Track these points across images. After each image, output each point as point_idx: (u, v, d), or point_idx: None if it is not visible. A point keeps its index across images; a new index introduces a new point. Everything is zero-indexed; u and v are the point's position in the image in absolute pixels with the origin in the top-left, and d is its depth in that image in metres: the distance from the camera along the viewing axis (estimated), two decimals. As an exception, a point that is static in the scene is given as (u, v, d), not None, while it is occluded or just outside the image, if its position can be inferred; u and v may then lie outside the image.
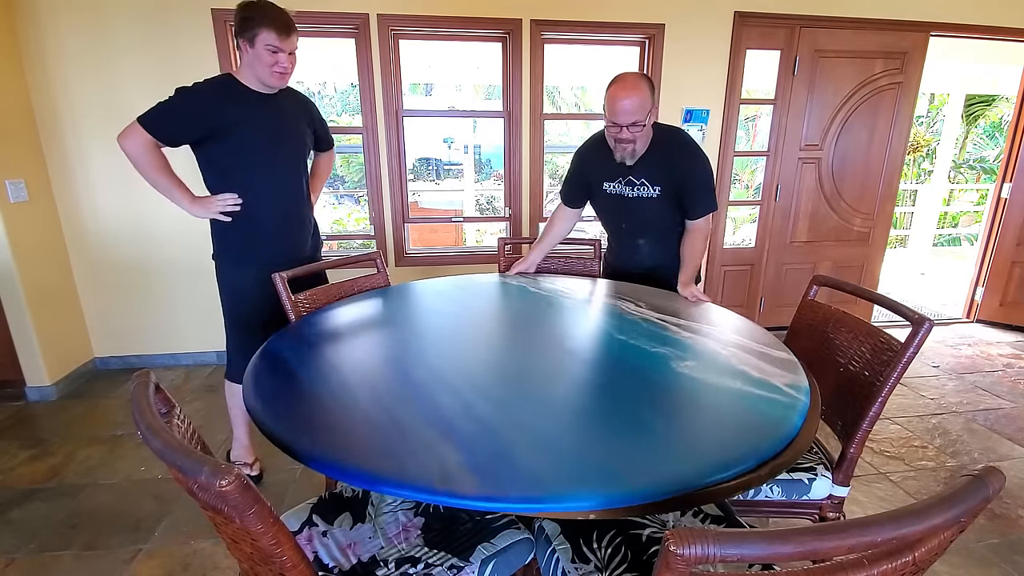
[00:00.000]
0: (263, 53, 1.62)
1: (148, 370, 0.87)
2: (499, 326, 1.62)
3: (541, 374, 1.23)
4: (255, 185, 1.76)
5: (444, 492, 0.80)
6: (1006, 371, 3.13)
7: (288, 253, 1.86)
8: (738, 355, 1.31)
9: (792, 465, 1.03)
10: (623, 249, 2.08)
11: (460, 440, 0.94)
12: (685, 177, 1.81)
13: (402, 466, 0.86)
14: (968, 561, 1.68)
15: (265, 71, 1.66)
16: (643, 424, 0.99)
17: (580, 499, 0.79)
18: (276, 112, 1.77)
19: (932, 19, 3.28)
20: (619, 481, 0.83)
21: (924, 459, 2.24)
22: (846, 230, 3.63)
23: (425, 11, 2.85)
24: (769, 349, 1.34)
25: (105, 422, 2.50)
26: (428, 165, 11.59)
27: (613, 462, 0.88)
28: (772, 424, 0.99)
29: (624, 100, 1.66)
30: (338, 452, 0.91)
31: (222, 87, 1.70)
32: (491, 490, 0.81)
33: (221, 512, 0.70)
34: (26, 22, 2.60)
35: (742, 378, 1.18)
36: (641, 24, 3.05)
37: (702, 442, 0.96)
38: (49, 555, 1.69)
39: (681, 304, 1.71)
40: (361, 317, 1.64)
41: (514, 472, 0.85)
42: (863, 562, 0.57)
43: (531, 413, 1.04)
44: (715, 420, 1.04)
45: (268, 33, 1.61)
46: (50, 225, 2.79)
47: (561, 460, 0.88)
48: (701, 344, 1.38)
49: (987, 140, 8.58)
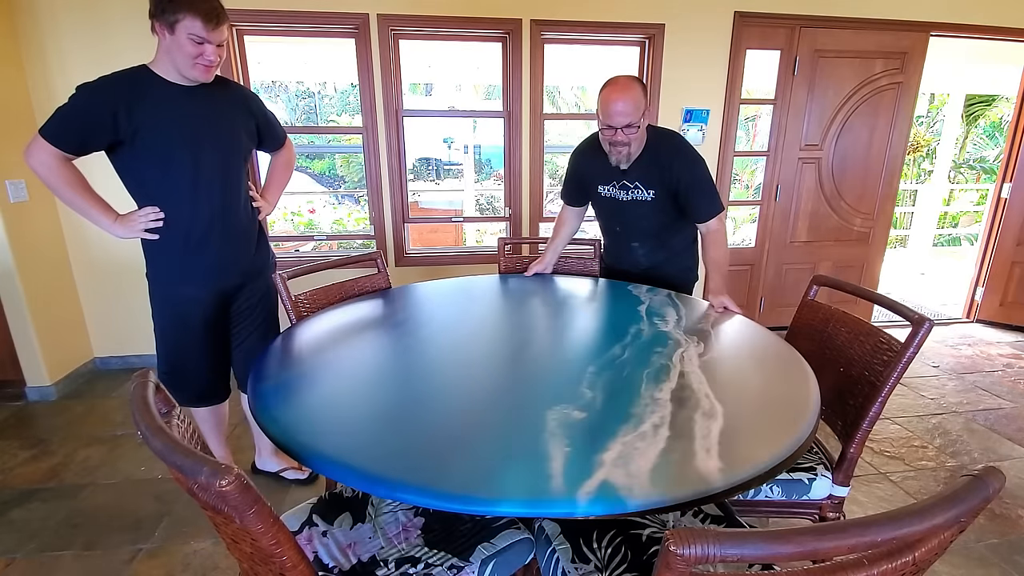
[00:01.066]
0: (185, 43, 1.41)
1: (148, 370, 0.87)
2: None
3: (544, 375, 1.23)
4: (176, 194, 1.54)
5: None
6: (1006, 371, 3.13)
7: (224, 270, 1.68)
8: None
9: (792, 465, 1.03)
10: (619, 251, 2.08)
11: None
12: (680, 181, 1.79)
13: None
14: (968, 561, 1.68)
15: (186, 62, 1.44)
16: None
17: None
18: (200, 108, 1.54)
19: (932, 19, 3.28)
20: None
21: (924, 459, 2.24)
22: (846, 230, 3.63)
23: (425, 11, 2.85)
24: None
25: (105, 422, 2.50)
26: (428, 165, 11.59)
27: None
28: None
29: (617, 102, 1.65)
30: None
31: (131, 80, 1.47)
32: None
33: (221, 512, 0.70)
34: (26, 21, 2.60)
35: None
36: (641, 24, 3.05)
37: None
38: (49, 555, 1.69)
39: (697, 311, 1.68)
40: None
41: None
42: (863, 562, 0.57)
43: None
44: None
45: (192, 20, 1.39)
46: (50, 225, 2.79)
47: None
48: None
49: (987, 140, 8.58)
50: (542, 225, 3.33)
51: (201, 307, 1.67)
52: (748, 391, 1.15)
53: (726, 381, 1.17)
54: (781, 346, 1.38)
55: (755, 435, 0.96)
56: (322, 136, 11.57)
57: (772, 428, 0.99)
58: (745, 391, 1.14)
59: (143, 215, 1.55)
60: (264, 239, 1.83)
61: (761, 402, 1.10)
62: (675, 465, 0.87)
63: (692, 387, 1.14)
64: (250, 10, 2.70)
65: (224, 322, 1.76)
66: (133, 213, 1.56)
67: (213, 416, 1.88)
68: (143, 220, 1.54)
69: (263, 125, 1.75)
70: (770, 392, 1.14)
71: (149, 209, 1.55)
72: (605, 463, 0.87)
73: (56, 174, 1.46)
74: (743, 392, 1.14)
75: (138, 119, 1.45)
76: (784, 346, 1.38)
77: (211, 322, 1.71)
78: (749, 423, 1.01)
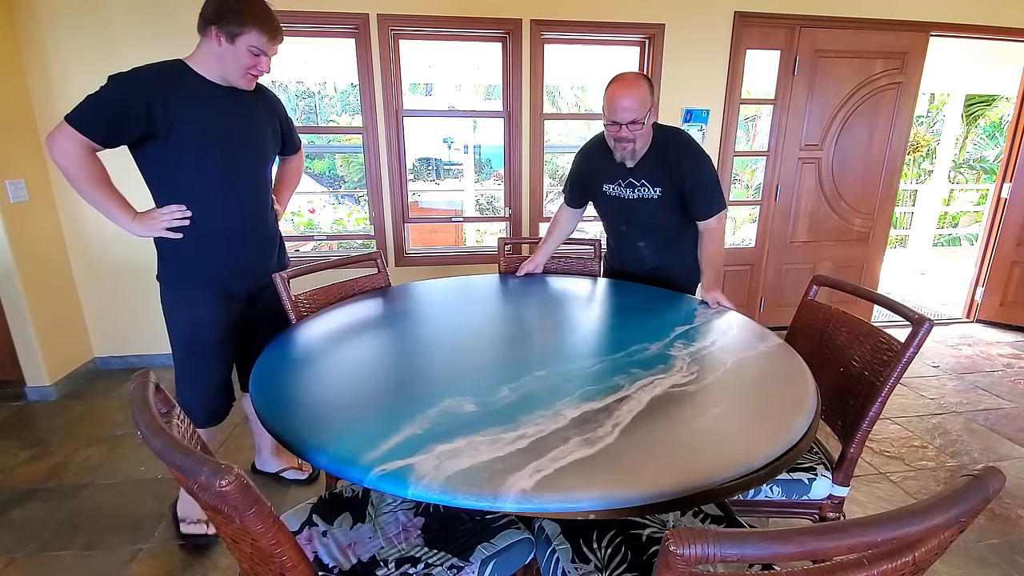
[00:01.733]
0: (243, 54, 1.43)
1: (148, 370, 0.87)
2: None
3: (542, 373, 1.22)
4: (207, 192, 1.51)
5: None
6: (1006, 371, 3.13)
7: (247, 272, 1.65)
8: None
9: (792, 465, 1.03)
10: (624, 251, 2.06)
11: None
12: (686, 178, 1.79)
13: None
14: (968, 561, 1.68)
15: (239, 72, 1.46)
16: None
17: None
18: (235, 108, 1.53)
19: (932, 19, 3.28)
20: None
21: (924, 459, 2.24)
22: (846, 230, 3.63)
23: (425, 11, 2.85)
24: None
25: (105, 422, 2.50)
26: (428, 165, 11.59)
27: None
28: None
29: (623, 98, 1.65)
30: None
31: (169, 74, 1.43)
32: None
33: (221, 512, 0.70)
34: (26, 22, 2.60)
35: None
36: (641, 24, 3.05)
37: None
38: (49, 555, 1.69)
39: (696, 311, 1.67)
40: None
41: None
42: (863, 562, 0.57)
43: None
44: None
45: (258, 35, 1.42)
46: (50, 225, 2.79)
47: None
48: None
49: (987, 140, 8.58)
50: (542, 225, 3.33)
51: (221, 311, 1.62)
52: (745, 389, 1.15)
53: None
54: (779, 345, 1.38)
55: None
56: (322, 136, 11.56)
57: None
58: (742, 389, 1.14)
59: (166, 213, 1.50)
60: (283, 242, 1.83)
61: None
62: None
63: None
64: (250, 10, 2.70)
65: (240, 327, 1.71)
66: (154, 211, 1.51)
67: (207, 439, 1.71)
68: (166, 218, 1.50)
69: (286, 130, 1.76)
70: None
71: (174, 207, 1.50)
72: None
73: (80, 165, 1.40)
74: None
75: (175, 112, 1.41)
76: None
77: (230, 327, 1.66)
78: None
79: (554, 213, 2.20)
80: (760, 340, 1.42)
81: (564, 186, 2.12)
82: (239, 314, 1.70)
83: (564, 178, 2.13)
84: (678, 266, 1.99)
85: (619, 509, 0.80)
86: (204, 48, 1.46)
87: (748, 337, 1.45)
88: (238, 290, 1.66)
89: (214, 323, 1.62)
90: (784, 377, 1.20)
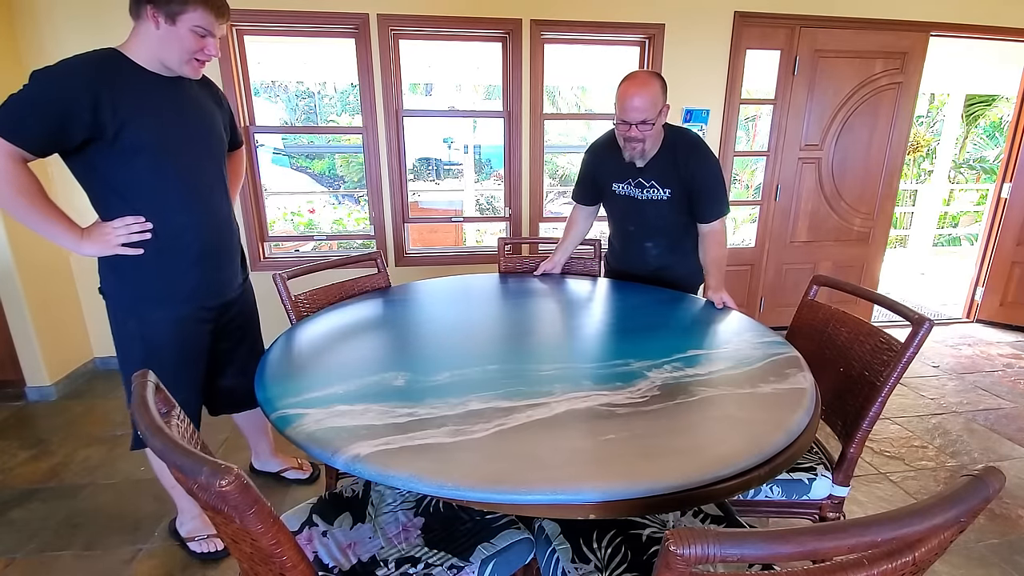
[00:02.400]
0: (186, 35, 1.25)
1: (148, 370, 0.87)
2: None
3: (544, 372, 1.22)
4: (166, 202, 1.33)
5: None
6: (1006, 371, 3.13)
7: (217, 289, 1.50)
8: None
9: (792, 465, 1.03)
10: (629, 251, 2.05)
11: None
12: (694, 179, 1.78)
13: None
14: (968, 561, 1.68)
15: (182, 57, 1.28)
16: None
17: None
18: (184, 102, 1.35)
19: (932, 19, 3.28)
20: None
21: (924, 459, 2.24)
22: (846, 230, 3.63)
23: (425, 11, 2.85)
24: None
25: (105, 422, 2.50)
26: (428, 165, 11.60)
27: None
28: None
29: (634, 98, 1.63)
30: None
31: (107, 66, 1.23)
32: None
33: (221, 512, 0.70)
34: (25, 22, 2.60)
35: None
36: (641, 24, 3.05)
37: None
38: (49, 555, 1.69)
39: (697, 311, 1.67)
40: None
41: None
42: (863, 562, 0.57)
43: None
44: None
45: (203, 13, 1.25)
46: (50, 225, 2.79)
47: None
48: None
49: (987, 140, 8.58)
50: (542, 225, 3.33)
51: (187, 332, 1.45)
52: (745, 389, 1.14)
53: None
54: (780, 346, 1.38)
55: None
56: (322, 136, 11.57)
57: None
58: (742, 389, 1.14)
59: (120, 227, 1.30)
60: (244, 257, 1.68)
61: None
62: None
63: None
64: (250, 10, 2.70)
65: (205, 346, 1.54)
66: (103, 225, 1.30)
67: None
68: (122, 232, 1.30)
69: (229, 122, 1.58)
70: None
71: (130, 219, 1.30)
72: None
73: (9, 179, 1.17)
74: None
75: (124, 112, 1.23)
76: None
77: (194, 348, 1.50)
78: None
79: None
80: (768, 346, 1.41)
81: (575, 186, 2.12)
82: (207, 333, 1.54)
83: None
84: (682, 267, 1.98)
85: (619, 507, 0.80)
86: (140, 32, 1.27)
87: (747, 336, 1.44)
88: (207, 307, 1.50)
89: (179, 346, 1.45)
90: (782, 376, 1.20)
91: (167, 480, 1.57)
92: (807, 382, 1.17)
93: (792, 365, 1.25)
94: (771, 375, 1.20)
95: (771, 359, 1.29)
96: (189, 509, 1.67)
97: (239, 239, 1.61)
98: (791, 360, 1.28)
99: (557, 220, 3.21)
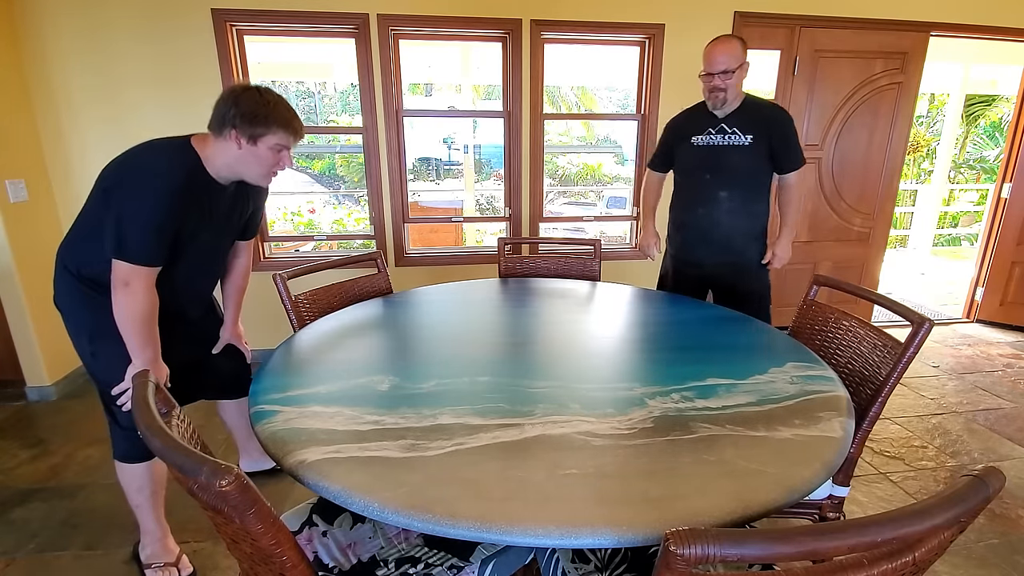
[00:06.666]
0: (265, 154, 1.36)
1: (148, 370, 0.87)
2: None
3: (534, 389, 1.15)
4: (165, 272, 1.39)
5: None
6: (1006, 371, 3.12)
7: (172, 339, 1.51)
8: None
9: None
10: (696, 213, 2.11)
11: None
12: (773, 129, 1.98)
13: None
14: (968, 561, 1.67)
15: (260, 172, 1.40)
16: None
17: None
18: (230, 205, 1.49)
19: (932, 19, 3.28)
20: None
21: (924, 459, 2.24)
22: (846, 230, 3.63)
23: (425, 11, 2.85)
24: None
25: (105, 422, 2.49)
26: (428, 165, 11.59)
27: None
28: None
29: (717, 50, 1.91)
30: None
31: (195, 180, 1.35)
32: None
33: (221, 512, 0.70)
34: (26, 22, 2.60)
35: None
36: (641, 24, 3.05)
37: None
38: (49, 555, 1.69)
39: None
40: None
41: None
42: (863, 562, 0.57)
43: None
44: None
45: (283, 135, 1.36)
46: (50, 225, 2.79)
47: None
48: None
49: (987, 140, 8.58)
50: (542, 225, 3.33)
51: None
52: (758, 432, 1.00)
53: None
54: (825, 382, 1.20)
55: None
56: (322, 136, 11.56)
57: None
58: (754, 432, 1.00)
59: (164, 371, 1.45)
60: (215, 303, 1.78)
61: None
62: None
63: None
64: (250, 10, 2.70)
65: (186, 358, 1.62)
66: (164, 367, 1.44)
67: (149, 476, 1.57)
68: (164, 374, 1.45)
69: (255, 216, 1.67)
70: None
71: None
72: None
73: (152, 301, 1.33)
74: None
75: (192, 221, 1.37)
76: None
77: (174, 361, 1.52)
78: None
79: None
80: (808, 380, 1.19)
81: (652, 156, 2.33)
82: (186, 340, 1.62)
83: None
84: (747, 229, 2.08)
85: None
86: (221, 149, 1.36)
87: (793, 371, 1.24)
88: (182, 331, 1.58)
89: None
90: (812, 419, 1.03)
91: (134, 498, 1.58)
92: (842, 431, 0.99)
93: (831, 408, 1.07)
94: (798, 417, 1.03)
95: (806, 398, 1.11)
96: (152, 531, 1.62)
97: (213, 303, 1.74)
98: (831, 401, 1.10)
99: (557, 220, 3.21)
